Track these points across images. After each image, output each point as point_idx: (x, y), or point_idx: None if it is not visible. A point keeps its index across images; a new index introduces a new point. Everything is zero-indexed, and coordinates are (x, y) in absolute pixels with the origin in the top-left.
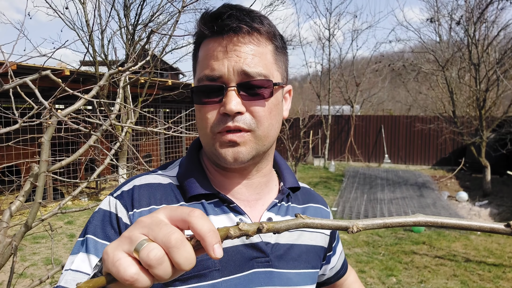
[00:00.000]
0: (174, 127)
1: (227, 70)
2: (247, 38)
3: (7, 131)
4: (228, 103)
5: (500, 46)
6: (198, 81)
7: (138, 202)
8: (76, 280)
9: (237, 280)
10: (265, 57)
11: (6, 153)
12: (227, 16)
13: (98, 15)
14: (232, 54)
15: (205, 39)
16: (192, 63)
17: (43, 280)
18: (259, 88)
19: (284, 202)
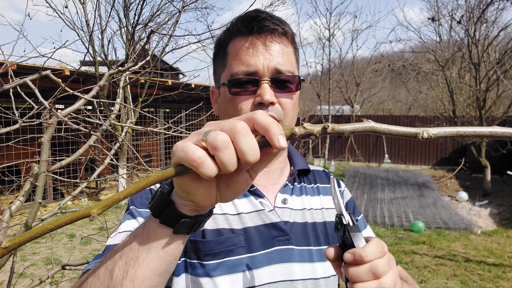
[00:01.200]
0: (174, 127)
1: (262, 66)
2: (278, 39)
3: (7, 131)
4: (264, 94)
5: (500, 46)
6: (231, 75)
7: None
8: (122, 238)
9: (261, 257)
10: (291, 57)
11: (6, 153)
12: (264, 18)
13: (98, 15)
14: (266, 52)
15: (237, 37)
16: (217, 56)
17: (43, 280)
18: (288, 83)
19: (296, 183)
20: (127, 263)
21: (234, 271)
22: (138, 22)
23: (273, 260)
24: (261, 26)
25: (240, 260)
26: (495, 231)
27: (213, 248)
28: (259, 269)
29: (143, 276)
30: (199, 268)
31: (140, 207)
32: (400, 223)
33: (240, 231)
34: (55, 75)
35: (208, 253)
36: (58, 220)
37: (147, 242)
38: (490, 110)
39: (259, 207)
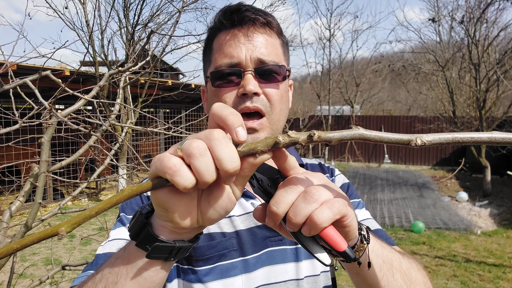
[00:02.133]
0: (174, 127)
1: (244, 57)
2: (261, 30)
3: (7, 131)
4: (247, 84)
5: (500, 46)
6: (215, 68)
7: None
8: (115, 246)
9: (254, 259)
10: (276, 48)
11: (6, 153)
12: (245, 10)
13: (98, 15)
14: (248, 43)
15: (221, 31)
16: (204, 54)
17: (43, 280)
18: (273, 73)
19: None
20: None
21: (227, 275)
22: (138, 22)
23: (266, 261)
24: (242, 18)
25: (233, 264)
26: (495, 231)
27: (205, 253)
28: (253, 272)
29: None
30: (191, 274)
31: (129, 213)
32: (400, 224)
33: (232, 234)
34: (55, 76)
35: (199, 259)
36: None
37: (125, 267)
38: (490, 111)
39: (250, 209)
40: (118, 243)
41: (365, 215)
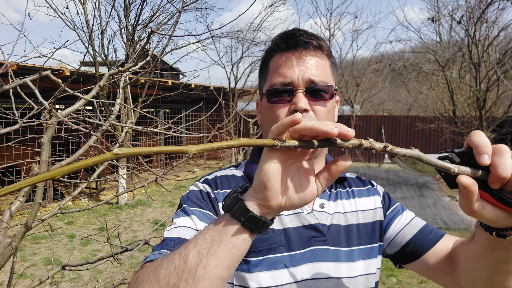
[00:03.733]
0: (174, 127)
1: (297, 77)
2: (313, 52)
3: (7, 131)
4: (298, 102)
5: (500, 46)
6: (270, 86)
7: (220, 186)
8: (183, 232)
9: (300, 255)
10: (326, 69)
11: (6, 153)
12: (300, 34)
13: (98, 15)
14: (301, 64)
15: (277, 53)
16: (260, 72)
17: (43, 280)
18: (321, 92)
19: (333, 189)
20: (200, 252)
21: (275, 267)
22: (138, 22)
23: (310, 258)
24: (296, 42)
25: (281, 258)
26: None
27: (257, 246)
28: (298, 267)
29: (213, 265)
30: (243, 263)
31: (191, 206)
32: None
33: (281, 231)
34: (55, 76)
35: (252, 250)
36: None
37: (218, 236)
38: (490, 110)
39: (298, 210)
40: (185, 230)
41: (412, 215)
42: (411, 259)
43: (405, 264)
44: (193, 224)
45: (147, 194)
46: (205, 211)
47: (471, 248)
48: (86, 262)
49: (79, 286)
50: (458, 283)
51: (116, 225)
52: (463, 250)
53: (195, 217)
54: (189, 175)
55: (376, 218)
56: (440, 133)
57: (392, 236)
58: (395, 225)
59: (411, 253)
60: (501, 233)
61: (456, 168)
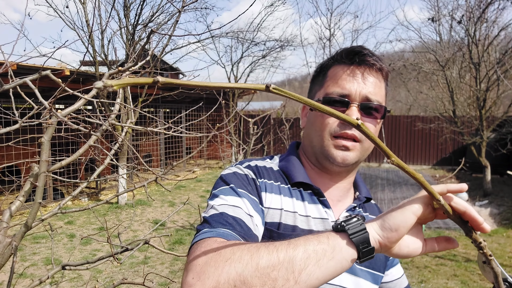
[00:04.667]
0: (174, 127)
1: (354, 91)
2: (374, 73)
3: (7, 131)
4: (351, 114)
5: (500, 46)
6: (326, 94)
7: (263, 175)
8: (241, 214)
9: None
10: (382, 90)
11: (6, 153)
12: (366, 54)
13: (98, 15)
14: (362, 81)
15: (338, 64)
16: (316, 77)
17: (43, 280)
18: (374, 110)
19: (357, 208)
20: (309, 259)
21: None
22: (138, 22)
23: None
24: (362, 60)
25: None
26: (495, 231)
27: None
28: None
29: (317, 276)
30: None
31: (239, 187)
32: None
33: (306, 232)
34: (55, 75)
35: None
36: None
37: (331, 252)
38: (491, 110)
39: (324, 216)
40: (239, 212)
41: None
42: None
43: None
44: (245, 207)
45: (147, 194)
46: (252, 196)
47: None
48: (86, 262)
49: (79, 286)
50: None
51: (116, 225)
52: None
53: (246, 200)
54: (189, 175)
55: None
56: (440, 133)
57: (389, 279)
58: (395, 270)
59: None
60: None
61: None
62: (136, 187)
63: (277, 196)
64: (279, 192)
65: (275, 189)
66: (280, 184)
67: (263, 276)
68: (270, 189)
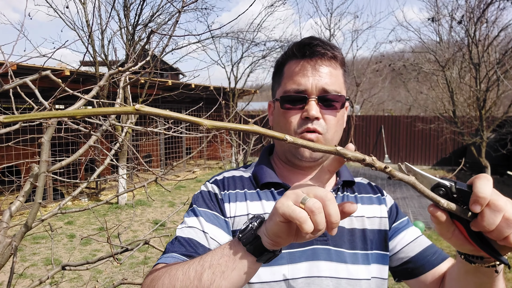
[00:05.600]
0: (174, 127)
1: (310, 85)
2: (327, 62)
3: (7, 131)
4: (310, 110)
5: (500, 46)
6: (284, 92)
7: (227, 187)
8: (193, 233)
9: (300, 253)
10: (339, 78)
11: (6, 153)
12: (316, 44)
13: (98, 15)
14: (316, 73)
15: (292, 60)
16: (275, 76)
17: (43, 280)
18: (333, 101)
19: (339, 192)
20: (214, 274)
21: (275, 263)
22: (138, 22)
23: (311, 257)
24: (312, 51)
25: (281, 255)
26: None
27: None
28: (297, 264)
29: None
30: None
31: (200, 206)
32: None
33: None
34: (55, 75)
35: None
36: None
37: (232, 263)
38: (490, 110)
39: None
40: (194, 231)
41: (418, 232)
42: (410, 276)
43: (404, 280)
44: (200, 225)
45: (147, 194)
46: (212, 211)
47: (453, 270)
48: (86, 262)
49: (79, 286)
50: None
51: (116, 225)
52: (449, 272)
53: (202, 218)
54: (189, 175)
55: (382, 227)
56: (440, 133)
57: (396, 249)
58: (400, 238)
59: (411, 271)
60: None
61: (446, 203)
62: (136, 187)
63: (242, 203)
64: (245, 199)
65: (239, 197)
66: (247, 191)
67: None
68: (234, 198)
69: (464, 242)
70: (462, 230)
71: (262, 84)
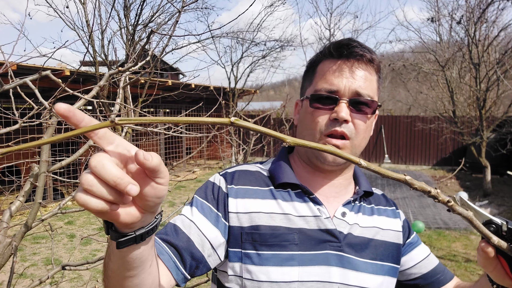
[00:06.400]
0: (174, 127)
1: (343, 86)
2: (364, 66)
3: (7, 131)
4: (340, 111)
5: (500, 46)
6: (315, 91)
7: (236, 181)
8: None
9: (312, 256)
10: (373, 83)
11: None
12: (354, 45)
13: (98, 15)
14: (350, 75)
15: (328, 59)
16: (306, 73)
17: (43, 280)
18: (364, 106)
19: (357, 202)
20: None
21: (286, 264)
22: (138, 22)
23: (323, 261)
24: (350, 52)
25: (292, 256)
26: None
27: (268, 240)
28: (309, 267)
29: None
30: (254, 257)
31: (200, 196)
32: None
33: (296, 230)
34: (55, 75)
35: (263, 244)
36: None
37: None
38: (490, 110)
39: (317, 213)
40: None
41: (428, 249)
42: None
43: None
44: (190, 214)
45: None
46: (207, 203)
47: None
48: (86, 262)
49: (79, 286)
50: None
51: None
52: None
53: (195, 208)
54: (189, 175)
55: (396, 240)
56: (440, 133)
57: (409, 264)
58: (414, 254)
59: (422, 287)
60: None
61: (497, 240)
62: None
63: (251, 200)
64: (255, 196)
65: (249, 193)
66: (259, 188)
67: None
68: (243, 194)
69: (505, 277)
70: (505, 266)
71: (262, 84)
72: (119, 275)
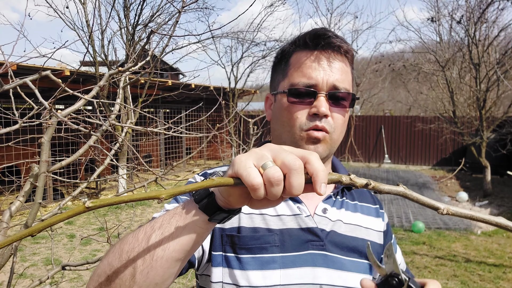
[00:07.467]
0: (174, 127)
1: (321, 80)
2: (340, 57)
3: (7, 131)
4: (320, 106)
5: (500, 46)
6: (291, 85)
7: None
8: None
9: (294, 257)
10: (348, 75)
11: (6, 153)
12: (330, 36)
13: (98, 15)
14: (328, 67)
15: (302, 50)
16: (277, 65)
17: (43, 280)
18: (343, 99)
19: (339, 197)
20: (163, 234)
21: (267, 267)
22: (138, 22)
23: (306, 262)
24: (327, 43)
25: (273, 258)
26: (495, 231)
27: (248, 243)
28: (291, 269)
29: (173, 248)
30: (234, 261)
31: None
32: (400, 224)
33: (276, 231)
34: (55, 76)
35: (243, 247)
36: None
37: (183, 222)
38: (490, 111)
39: (296, 212)
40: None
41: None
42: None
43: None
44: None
45: None
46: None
47: None
48: (86, 262)
49: (79, 286)
50: None
51: (116, 225)
52: None
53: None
54: (189, 175)
55: (377, 240)
56: (440, 133)
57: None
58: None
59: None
60: None
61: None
62: (136, 188)
63: None
64: None
65: None
66: None
67: (126, 260)
68: None
69: None
70: None
71: (262, 84)
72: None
